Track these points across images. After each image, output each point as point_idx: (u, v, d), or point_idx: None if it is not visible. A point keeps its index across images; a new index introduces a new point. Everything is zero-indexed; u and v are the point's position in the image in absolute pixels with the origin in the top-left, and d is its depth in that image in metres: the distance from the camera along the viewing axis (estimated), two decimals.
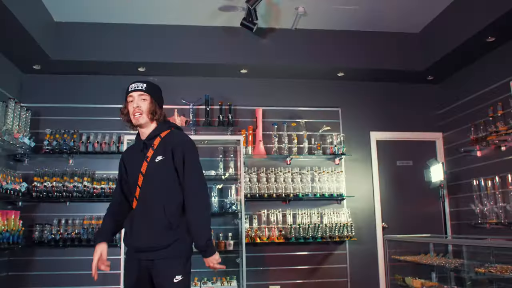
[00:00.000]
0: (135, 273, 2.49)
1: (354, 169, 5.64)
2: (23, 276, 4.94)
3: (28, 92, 5.30)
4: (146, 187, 2.52)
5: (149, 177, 2.52)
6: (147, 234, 2.45)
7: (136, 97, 2.59)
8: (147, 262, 2.46)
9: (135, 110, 2.56)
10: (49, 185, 4.91)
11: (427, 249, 4.86)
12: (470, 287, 3.59)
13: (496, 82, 4.86)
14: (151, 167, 2.52)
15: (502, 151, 4.77)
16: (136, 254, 2.50)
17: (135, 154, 2.65)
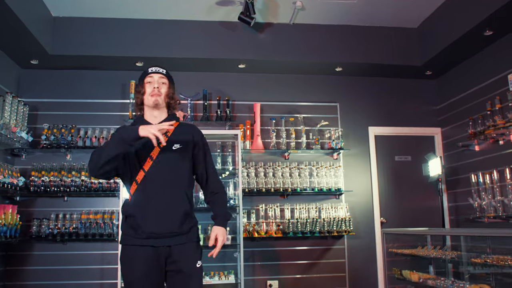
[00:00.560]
0: (147, 260, 2.36)
1: (352, 164, 5.64)
2: (21, 271, 4.93)
3: (26, 87, 5.31)
4: (156, 172, 2.43)
5: (161, 163, 2.45)
6: (169, 220, 2.39)
7: (156, 79, 2.56)
8: (164, 249, 2.38)
9: (154, 91, 2.51)
10: (47, 180, 4.91)
11: (425, 243, 4.86)
12: (467, 278, 3.59)
13: (494, 76, 4.85)
14: (166, 154, 2.47)
15: (500, 145, 4.76)
16: (149, 240, 2.37)
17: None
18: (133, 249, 2.39)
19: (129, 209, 2.44)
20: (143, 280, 2.34)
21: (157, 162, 2.45)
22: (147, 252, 2.36)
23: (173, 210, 2.41)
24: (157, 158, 2.45)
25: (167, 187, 2.43)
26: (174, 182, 2.46)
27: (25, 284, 4.91)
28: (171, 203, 2.42)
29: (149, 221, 2.37)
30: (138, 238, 2.38)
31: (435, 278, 3.78)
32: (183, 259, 2.39)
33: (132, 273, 2.36)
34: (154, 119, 2.54)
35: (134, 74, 5.37)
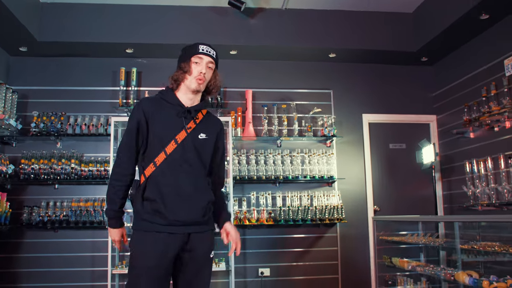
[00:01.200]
0: (164, 248, 2.23)
1: (345, 152, 5.57)
2: (12, 258, 4.95)
3: (16, 74, 5.27)
4: (180, 157, 2.29)
5: (185, 149, 2.31)
6: (194, 209, 2.28)
7: (205, 62, 2.38)
8: (182, 236, 2.26)
9: (200, 75, 2.34)
10: (37, 168, 4.89)
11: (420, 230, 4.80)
12: (456, 265, 3.54)
13: (490, 61, 4.75)
14: (192, 140, 2.34)
15: (495, 132, 4.67)
16: (168, 227, 2.24)
17: (168, 114, 2.37)
18: (152, 236, 2.24)
19: (148, 193, 2.27)
20: (158, 267, 2.21)
21: (182, 146, 2.30)
22: (164, 239, 2.23)
23: (198, 199, 2.31)
24: (182, 142, 2.30)
25: (192, 174, 2.31)
26: (198, 170, 2.34)
27: (17, 271, 4.92)
28: (197, 191, 2.31)
29: (172, 208, 2.24)
30: (158, 224, 2.24)
31: (424, 265, 3.73)
32: (200, 248, 2.31)
33: (150, 260, 2.21)
34: (188, 101, 2.39)
35: (124, 61, 5.36)
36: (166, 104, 2.38)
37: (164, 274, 2.25)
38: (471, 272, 3.10)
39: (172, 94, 2.40)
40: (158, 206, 2.23)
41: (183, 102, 2.38)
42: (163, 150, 2.28)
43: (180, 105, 2.37)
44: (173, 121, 2.33)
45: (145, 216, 2.25)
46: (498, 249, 2.89)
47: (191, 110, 2.37)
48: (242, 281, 5.18)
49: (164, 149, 2.28)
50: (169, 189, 2.25)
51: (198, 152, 2.35)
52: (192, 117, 2.38)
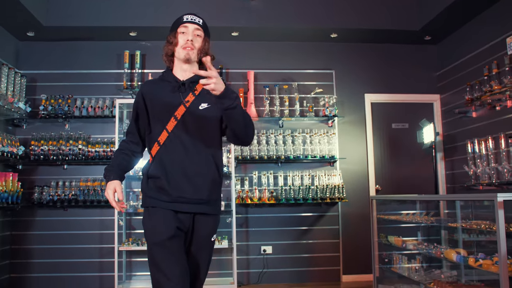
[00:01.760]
0: (172, 222, 2.16)
1: (347, 132, 5.61)
2: (25, 235, 5.18)
3: (24, 58, 5.43)
4: (181, 133, 2.24)
5: (186, 124, 2.24)
6: (196, 186, 2.21)
7: (191, 30, 2.28)
8: (187, 216, 2.21)
9: (187, 43, 2.25)
10: (46, 149, 5.08)
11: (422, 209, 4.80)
12: (448, 242, 3.59)
13: (493, 40, 4.69)
14: (192, 114, 2.25)
15: (497, 111, 4.65)
16: (174, 204, 2.19)
17: (164, 92, 2.30)
18: (160, 212, 2.20)
19: (152, 170, 2.24)
20: (170, 240, 2.13)
21: (182, 122, 2.24)
22: (170, 217, 2.18)
23: (201, 175, 2.22)
24: (182, 117, 2.23)
25: (194, 149, 2.23)
26: (200, 145, 2.25)
27: (29, 247, 5.16)
28: (199, 168, 2.23)
29: (175, 185, 2.19)
30: (163, 201, 2.20)
31: (417, 243, 3.79)
32: (202, 230, 2.25)
33: (161, 235, 2.13)
34: (183, 74, 2.31)
35: (128, 44, 5.46)
36: (165, 83, 2.34)
37: (178, 246, 2.17)
38: (460, 250, 3.15)
39: (169, 72, 2.36)
40: (161, 183, 2.20)
41: (179, 76, 2.32)
42: (164, 128, 2.24)
43: (176, 80, 2.31)
44: (170, 98, 2.26)
45: (150, 193, 2.23)
46: (484, 227, 2.93)
47: (185, 83, 2.29)
48: (245, 258, 5.32)
49: (165, 127, 2.24)
50: (173, 166, 2.20)
51: (202, 124, 2.26)
52: (190, 90, 2.28)
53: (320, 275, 5.38)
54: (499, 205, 2.42)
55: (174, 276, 2.06)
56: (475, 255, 3.01)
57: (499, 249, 2.42)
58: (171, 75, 2.34)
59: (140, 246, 4.95)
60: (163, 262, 2.09)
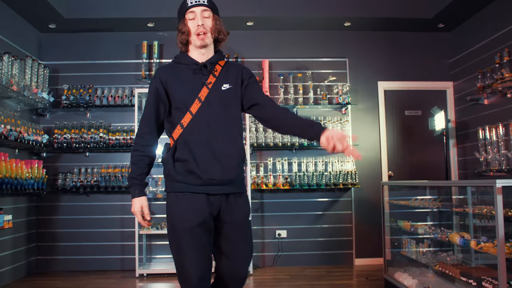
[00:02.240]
0: (202, 207, 2.14)
1: (360, 119, 5.72)
2: (50, 220, 5.43)
3: (47, 50, 5.62)
4: (206, 115, 2.20)
5: (210, 105, 2.22)
6: (226, 166, 2.18)
7: (198, 13, 2.22)
8: (219, 197, 2.18)
9: (199, 29, 2.20)
10: (69, 137, 5.29)
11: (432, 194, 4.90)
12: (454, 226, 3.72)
13: (505, 28, 4.73)
14: (215, 95, 2.23)
15: (508, 98, 4.71)
16: (204, 187, 2.16)
17: (185, 76, 2.27)
18: (188, 196, 2.16)
19: (178, 154, 2.19)
20: (197, 228, 2.11)
21: (206, 103, 2.21)
22: (201, 200, 2.15)
23: (229, 155, 2.20)
24: (206, 99, 2.21)
25: (220, 130, 2.21)
26: (226, 125, 2.23)
27: (54, 231, 5.42)
28: (227, 148, 2.20)
29: (205, 167, 2.15)
30: (192, 184, 2.16)
31: (424, 227, 3.93)
32: (239, 210, 2.22)
33: (190, 222, 2.11)
34: (201, 57, 2.27)
35: (146, 35, 5.61)
36: (181, 66, 2.29)
37: (208, 231, 2.16)
38: (464, 234, 3.27)
39: (185, 55, 2.31)
40: (190, 166, 2.15)
41: (197, 59, 2.27)
42: (187, 111, 2.20)
43: (195, 62, 2.26)
44: (192, 80, 2.24)
45: (178, 178, 2.18)
46: (484, 212, 3.04)
47: (206, 64, 2.26)
48: (260, 242, 5.51)
49: (189, 109, 2.20)
50: (200, 148, 2.16)
51: (225, 104, 2.25)
52: (210, 71, 2.26)
53: (333, 259, 5.55)
54: (498, 191, 2.55)
55: (201, 263, 2.10)
56: (477, 239, 3.12)
57: (497, 232, 2.55)
58: (188, 58, 2.29)
59: (160, 230, 5.16)
60: (190, 248, 2.10)
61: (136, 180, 2.23)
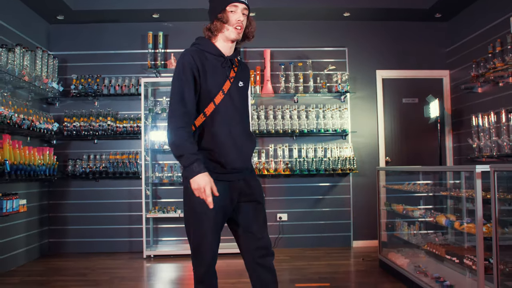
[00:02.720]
0: (225, 194, 2.28)
1: (359, 107, 5.91)
2: (61, 204, 5.69)
3: (55, 41, 5.81)
4: (227, 106, 2.32)
5: (232, 98, 2.34)
6: (245, 155, 2.36)
7: (240, 9, 2.30)
8: (239, 182, 2.34)
9: (238, 23, 2.29)
10: (78, 125, 5.51)
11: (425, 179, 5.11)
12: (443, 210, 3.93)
13: (499, 18, 4.88)
14: (234, 89, 2.37)
15: (500, 87, 4.89)
16: (226, 175, 2.30)
17: (214, 67, 2.34)
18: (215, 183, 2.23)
19: (204, 143, 2.28)
20: (218, 213, 2.26)
21: (228, 96, 2.33)
22: (223, 188, 2.26)
23: (247, 145, 2.38)
24: (228, 92, 2.33)
25: (239, 122, 2.35)
26: (243, 118, 2.40)
27: (65, 215, 5.67)
28: (245, 138, 2.37)
29: (228, 157, 2.28)
30: (217, 172, 2.26)
31: (415, 210, 4.14)
32: (256, 190, 2.39)
33: (204, 208, 2.19)
34: (228, 50, 2.36)
35: (151, 26, 5.80)
36: (209, 56, 2.33)
37: (223, 219, 2.31)
38: (450, 216, 3.50)
39: (211, 44, 2.36)
40: (215, 155, 2.26)
41: (223, 51, 2.35)
42: (211, 101, 2.29)
43: (222, 55, 2.34)
44: (219, 72, 2.33)
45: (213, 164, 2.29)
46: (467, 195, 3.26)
47: (232, 59, 2.37)
48: None
49: (213, 100, 2.29)
50: (224, 138, 2.27)
51: (242, 99, 2.40)
52: (231, 67, 2.37)
53: (332, 241, 5.80)
54: (477, 176, 2.75)
55: (215, 245, 2.27)
56: (462, 220, 3.34)
57: (476, 213, 2.77)
58: (215, 47, 2.35)
59: (166, 214, 5.41)
60: (209, 232, 2.24)
61: (195, 155, 2.17)
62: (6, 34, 4.71)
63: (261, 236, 2.35)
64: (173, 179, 5.57)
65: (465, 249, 3.45)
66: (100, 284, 4.16)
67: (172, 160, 5.67)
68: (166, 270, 4.77)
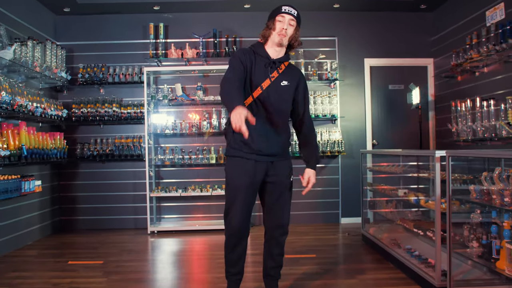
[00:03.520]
0: (253, 171, 2.79)
1: (348, 93, 6.31)
2: (71, 185, 6.15)
3: (62, 32, 6.18)
4: (263, 101, 2.78)
5: (269, 94, 2.78)
6: (273, 144, 2.80)
7: (287, 20, 2.79)
8: (267, 164, 2.82)
9: (282, 31, 2.78)
10: (85, 111, 5.93)
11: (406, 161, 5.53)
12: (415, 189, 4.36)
13: (478, 11, 5.22)
14: (274, 88, 2.80)
15: (476, 76, 5.27)
16: (256, 156, 2.79)
17: (259, 65, 2.83)
18: (244, 162, 2.80)
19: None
20: (247, 187, 2.78)
21: (266, 93, 2.78)
22: (251, 165, 2.79)
23: (277, 136, 2.82)
24: (267, 88, 2.78)
25: (273, 115, 2.79)
26: (278, 113, 2.82)
27: (74, 195, 6.14)
28: (276, 130, 2.81)
29: (257, 143, 2.76)
30: (245, 152, 2.79)
31: (392, 189, 4.58)
32: (281, 173, 2.87)
33: (243, 180, 2.78)
34: (274, 53, 2.85)
35: (152, 17, 6.16)
36: (257, 56, 2.84)
37: (253, 191, 2.83)
38: (419, 194, 3.94)
39: (262, 47, 2.87)
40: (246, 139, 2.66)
41: (270, 55, 2.84)
42: (251, 94, 2.77)
43: (268, 57, 2.83)
44: (262, 71, 2.79)
45: (235, 146, 2.82)
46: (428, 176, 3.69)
47: (276, 62, 2.83)
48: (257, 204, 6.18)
49: (252, 93, 2.77)
50: (255, 126, 2.58)
51: (280, 96, 2.82)
52: (276, 68, 2.82)
53: (323, 217, 6.27)
54: (437, 160, 3.17)
55: (242, 214, 2.79)
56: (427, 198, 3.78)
57: (435, 191, 3.20)
58: (264, 51, 2.87)
59: (168, 193, 5.86)
60: (237, 202, 2.79)
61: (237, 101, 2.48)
62: (17, 27, 5.08)
63: (280, 216, 2.91)
64: (174, 161, 6.00)
65: (428, 223, 3.90)
66: (110, 255, 4.63)
67: (173, 143, 6.11)
68: (168, 244, 5.24)
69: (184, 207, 6.17)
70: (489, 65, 5.04)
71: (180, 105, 6.17)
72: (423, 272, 3.38)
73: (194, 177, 6.16)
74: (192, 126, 6.02)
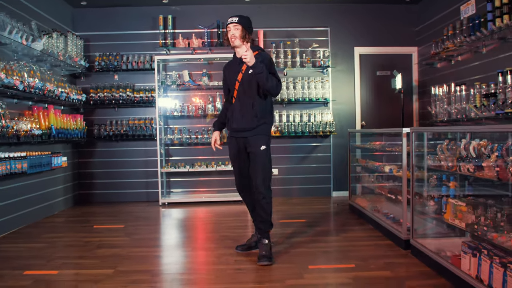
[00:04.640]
0: (236, 145, 3.74)
1: (339, 79, 6.94)
2: (89, 162, 6.83)
3: (79, 23, 6.79)
4: (240, 90, 3.64)
5: (243, 83, 3.61)
6: (243, 120, 3.63)
7: (231, 28, 3.59)
8: (243, 139, 3.68)
9: (231, 37, 3.61)
10: (102, 96, 6.57)
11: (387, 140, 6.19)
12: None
13: (454, 5, 5.83)
14: (245, 77, 3.60)
15: (452, 64, 5.91)
16: (235, 133, 3.71)
17: (233, 67, 3.73)
18: (230, 138, 3.80)
19: (228, 114, 3.78)
20: (235, 156, 3.78)
21: (242, 83, 3.63)
22: (235, 141, 3.75)
23: (246, 113, 3.62)
24: (241, 80, 3.63)
25: (244, 99, 3.63)
26: (247, 95, 3.62)
27: (92, 171, 6.83)
28: (245, 110, 3.62)
29: (234, 122, 3.68)
30: (231, 132, 3.77)
31: (374, 164, 5.24)
32: (252, 145, 3.65)
33: (231, 151, 3.81)
34: (237, 53, 3.73)
35: (161, 9, 6.77)
36: (233, 62, 3.78)
37: (242, 160, 3.76)
38: (393, 166, 4.61)
39: (234, 54, 3.80)
40: (229, 121, 3.75)
41: (237, 55, 3.71)
42: (234, 88, 3.69)
43: (237, 58, 3.71)
44: (236, 69, 3.67)
45: (228, 129, 3.83)
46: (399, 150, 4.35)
47: (241, 59, 3.54)
48: None
49: (235, 87, 3.69)
50: (234, 110, 3.68)
51: (249, 83, 3.59)
52: (243, 62, 3.52)
53: (315, 191, 6.97)
54: (404, 135, 3.85)
55: (238, 176, 3.84)
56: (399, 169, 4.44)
57: (402, 162, 3.88)
58: (235, 54, 3.78)
59: (176, 169, 6.54)
60: (233, 167, 3.87)
61: (216, 122, 4.00)
62: (40, 19, 5.68)
63: (255, 178, 3.71)
64: (182, 140, 6.66)
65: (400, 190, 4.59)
66: (129, 221, 5.34)
67: (181, 124, 6.78)
68: (177, 213, 5.94)
69: (191, 181, 6.86)
70: (462, 54, 5.68)
71: (187, 90, 6.81)
72: (394, 229, 4.08)
73: (200, 155, 6.83)
74: (198, 109, 6.67)
